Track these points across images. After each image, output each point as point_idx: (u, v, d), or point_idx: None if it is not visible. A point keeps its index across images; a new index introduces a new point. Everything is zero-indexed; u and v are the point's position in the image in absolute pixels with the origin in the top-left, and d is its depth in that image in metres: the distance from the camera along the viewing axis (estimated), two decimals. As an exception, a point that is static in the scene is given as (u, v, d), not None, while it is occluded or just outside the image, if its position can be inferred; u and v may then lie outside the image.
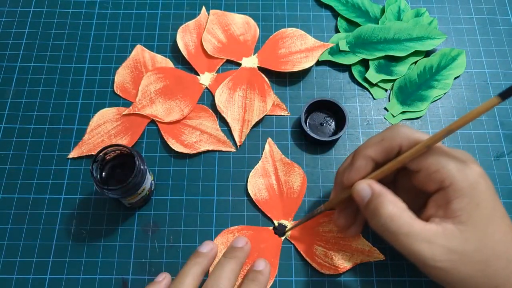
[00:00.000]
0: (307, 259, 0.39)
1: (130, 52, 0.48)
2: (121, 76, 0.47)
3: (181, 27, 0.49)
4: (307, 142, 0.44)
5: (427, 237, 0.28)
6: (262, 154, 0.43)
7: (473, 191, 0.28)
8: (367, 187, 0.31)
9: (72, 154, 0.43)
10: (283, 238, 0.40)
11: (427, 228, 0.29)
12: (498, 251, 0.28)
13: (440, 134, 0.28)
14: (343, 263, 0.38)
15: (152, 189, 0.41)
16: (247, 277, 0.35)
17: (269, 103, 0.45)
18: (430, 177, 0.30)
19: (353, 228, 0.36)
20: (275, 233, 0.40)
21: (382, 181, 0.32)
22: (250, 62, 0.48)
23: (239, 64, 0.48)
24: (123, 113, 0.45)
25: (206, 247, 0.35)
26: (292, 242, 0.40)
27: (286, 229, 0.40)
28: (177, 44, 0.48)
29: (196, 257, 0.34)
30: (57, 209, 0.41)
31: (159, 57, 0.48)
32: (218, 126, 0.45)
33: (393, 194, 0.31)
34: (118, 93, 0.46)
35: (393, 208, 0.29)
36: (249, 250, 0.37)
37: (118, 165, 0.37)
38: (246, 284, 0.34)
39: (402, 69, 0.47)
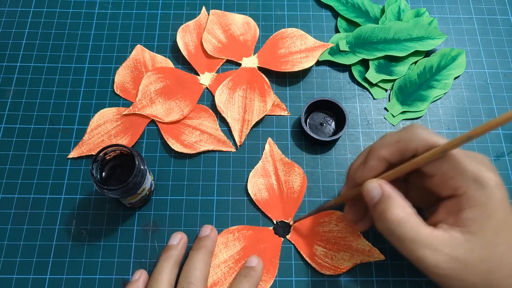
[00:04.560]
0: (307, 259, 0.39)
1: (130, 52, 0.48)
2: (121, 76, 0.47)
3: (181, 27, 0.49)
4: (307, 142, 0.44)
5: (433, 245, 0.28)
6: (262, 154, 0.43)
7: (487, 201, 0.28)
8: (377, 187, 0.31)
9: (72, 154, 0.43)
10: (283, 238, 0.40)
11: (433, 234, 0.28)
12: (503, 261, 0.28)
13: (458, 140, 0.27)
14: (343, 263, 0.38)
15: (152, 189, 0.41)
16: (240, 273, 0.36)
17: (269, 103, 0.45)
18: (445, 183, 0.29)
19: (362, 223, 0.36)
20: (275, 233, 0.40)
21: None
22: (250, 62, 0.48)
23: (239, 64, 0.48)
24: (123, 113, 0.45)
25: (175, 239, 0.37)
26: (292, 242, 0.40)
27: (293, 221, 0.40)
28: (177, 44, 0.48)
29: (166, 251, 0.36)
30: (57, 209, 0.41)
31: (159, 57, 0.48)
32: (218, 126, 0.44)
33: (402, 197, 0.30)
34: (118, 93, 0.46)
35: (400, 213, 0.29)
36: (216, 236, 0.38)
37: (118, 165, 0.37)
38: (238, 280, 0.35)
39: (402, 69, 0.47)
